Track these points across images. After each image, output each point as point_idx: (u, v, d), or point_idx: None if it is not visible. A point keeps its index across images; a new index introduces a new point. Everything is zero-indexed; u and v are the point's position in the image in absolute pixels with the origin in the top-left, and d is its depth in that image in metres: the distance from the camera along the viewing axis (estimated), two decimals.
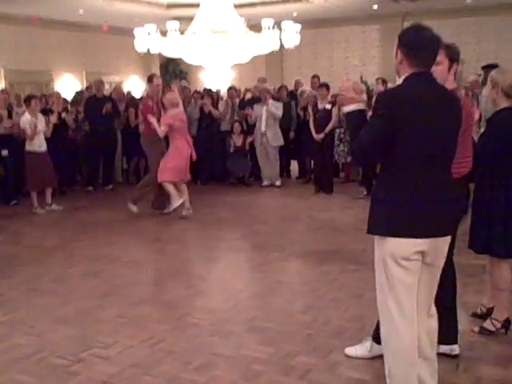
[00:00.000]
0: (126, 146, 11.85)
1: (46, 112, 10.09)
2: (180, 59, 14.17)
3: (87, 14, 14.92)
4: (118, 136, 11.80)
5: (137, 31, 12.43)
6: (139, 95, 13.23)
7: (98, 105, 11.21)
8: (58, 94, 10.92)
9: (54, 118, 9.84)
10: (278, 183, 11.35)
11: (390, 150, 3.04)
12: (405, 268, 3.15)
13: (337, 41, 17.70)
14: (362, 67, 17.22)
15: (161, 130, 8.53)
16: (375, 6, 15.39)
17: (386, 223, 3.13)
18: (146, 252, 7.13)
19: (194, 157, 8.83)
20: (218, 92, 12.99)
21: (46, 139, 9.45)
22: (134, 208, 8.93)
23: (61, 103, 10.72)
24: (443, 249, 3.27)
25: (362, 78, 16.15)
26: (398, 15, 16.26)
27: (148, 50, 12.40)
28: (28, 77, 15.02)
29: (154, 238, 7.70)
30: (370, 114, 3.44)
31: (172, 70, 18.39)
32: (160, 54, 14.26)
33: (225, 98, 12.28)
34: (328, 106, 10.33)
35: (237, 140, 11.59)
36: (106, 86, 16.89)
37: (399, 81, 3.16)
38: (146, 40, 12.28)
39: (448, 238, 3.27)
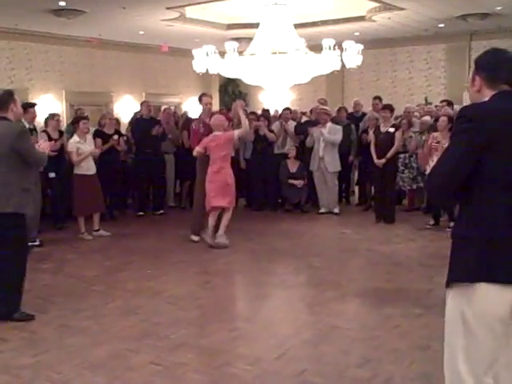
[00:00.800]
0: (179, 169, 11.27)
1: (99, 134, 9.68)
2: (239, 80, 13.74)
3: (147, 35, 14.67)
4: (167, 159, 11.23)
5: (195, 52, 11.97)
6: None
7: (145, 126, 10.65)
8: (110, 116, 10.41)
9: (103, 143, 9.42)
10: (336, 210, 10.55)
11: (475, 175, 2.53)
12: (495, 333, 2.53)
13: (400, 61, 16.80)
14: (427, 88, 16.30)
15: (195, 151, 8.16)
16: (441, 25, 14.53)
17: (476, 267, 2.51)
18: (189, 286, 6.46)
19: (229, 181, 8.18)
20: (276, 112, 12.29)
21: (98, 161, 8.99)
22: (195, 238, 8.49)
23: (113, 125, 10.21)
24: None
25: (426, 99, 15.29)
26: (465, 34, 15.35)
27: (207, 70, 11.87)
28: (88, 98, 14.83)
29: (200, 270, 7.06)
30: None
31: (231, 91, 17.90)
32: (219, 75, 13.89)
33: (279, 120, 11.56)
34: (391, 130, 9.52)
35: (291, 165, 10.87)
36: (165, 107, 16.77)
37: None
38: (205, 61, 11.80)
39: None
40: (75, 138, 8.66)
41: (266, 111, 12.23)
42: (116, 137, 10.05)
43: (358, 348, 4.69)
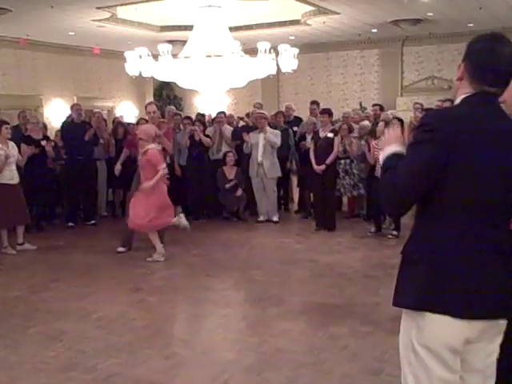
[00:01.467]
0: (111, 177, 10.50)
1: (25, 140, 8.91)
2: (174, 84, 13.15)
3: (78, 36, 13.89)
4: (98, 165, 10.46)
5: (127, 54, 11.31)
6: (132, 120, 12.08)
7: (76, 131, 9.77)
8: (35, 119, 9.52)
9: (31, 148, 8.60)
10: (275, 219, 9.91)
11: (434, 192, 2.16)
12: (446, 363, 2.17)
13: (335, 66, 16.58)
14: (361, 93, 16.10)
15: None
16: (374, 30, 14.33)
17: (425, 293, 2.14)
18: (121, 305, 5.78)
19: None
20: (209, 116, 11.70)
21: (24, 168, 8.20)
22: (121, 249, 7.87)
23: (39, 129, 9.35)
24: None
25: (361, 104, 15.08)
26: (397, 39, 15.25)
27: (140, 73, 11.20)
28: (16, 102, 13.80)
29: (133, 287, 6.38)
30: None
31: (166, 96, 17.24)
32: (154, 79, 13.27)
33: (214, 124, 10.93)
34: (330, 135, 9.09)
35: (229, 172, 10.24)
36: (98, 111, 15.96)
37: (457, 101, 2.28)
38: (138, 63, 11.14)
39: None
40: None
41: (201, 115, 11.60)
42: (44, 142, 9.24)
43: (305, 375, 4.20)
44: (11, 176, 7.78)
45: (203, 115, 11.64)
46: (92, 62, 15.69)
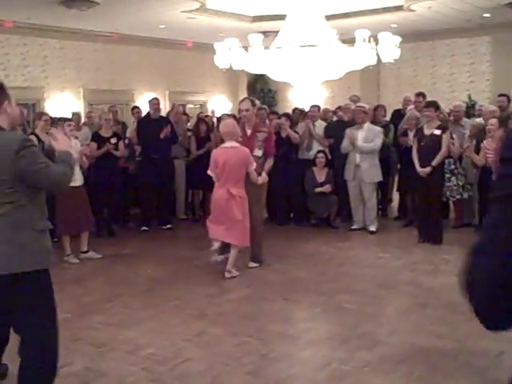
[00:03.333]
0: (190, 177, 9.46)
1: (94, 138, 8.02)
2: (268, 77, 12.02)
3: (169, 29, 12.98)
4: (177, 165, 9.38)
5: (217, 46, 10.29)
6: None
7: (152, 128, 8.74)
8: (106, 115, 8.47)
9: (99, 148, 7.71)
10: (372, 228, 8.31)
11: None
12: None
13: (440, 55, 14.66)
14: (470, 85, 14.14)
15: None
16: (487, 14, 12.40)
17: None
18: (177, 338, 4.55)
19: None
20: (301, 110, 10.34)
21: (94, 168, 7.24)
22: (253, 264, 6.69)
23: (110, 126, 8.33)
24: None
25: (469, 96, 13.20)
26: None
27: (230, 66, 10.14)
28: (108, 96, 13.12)
29: (196, 313, 5.15)
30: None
31: (260, 89, 16.08)
32: (247, 72, 12.21)
33: (305, 121, 9.42)
34: (437, 132, 7.46)
35: (319, 174, 8.79)
36: (190, 106, 15.13)
37: None
38: (228, 55, 10.10)
39: None
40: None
41: (299, 111, 10.18)
42: (114, 140, 8.21)
43: None
44: (73, 177, 6.76)
45: (301, 110, 10.21)
46: (184, 56, 14.77)
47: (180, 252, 7.42)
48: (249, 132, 6.74)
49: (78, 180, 6.79)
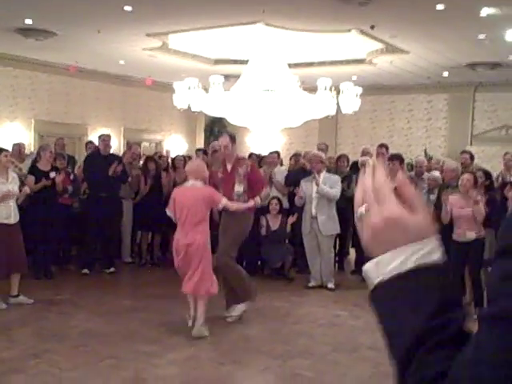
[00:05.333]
0: (138, 218, 8.89)
1: (32, 171, 7.44)
2: (226, 120, 11.62)
3: (129, 65, 12.48)
4: (124, 205, 8.79)
5: (176, 85, 9.89)
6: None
7: (101, 164, 8.22)
8: (49, 148, 7.81)
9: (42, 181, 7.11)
10: (330, 285, 7.77)
11: None
12: None
13: (399, 109, 14.56)
14: (426, 140, 14.03)
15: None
16: (446, 73, 12.35)
17: None
18: None
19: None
20: (257, 155, 9.95)
21: (32, 203, 6.59)
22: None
23: (49, 160, 7.66)
24: None
25: (426, 151, 13.02)
26: (470, 84, 13.19)
27: (189, 106, 9.67)
28: (60, 129, 12.45)
29: (133, 375, 4.45)
30: None
31: (218, 131, 15.59)
32: (206, 113, 11.80)
33: (263, 167, 8.97)
34: None
35: (273, 222, 8.39)
36: (145, 144, 14.58)
37: None
38: (187, 95, 9.68)
39: None
40: None
41: (255, 156, 9.87)
42: (52, 174, 7.58)
43: None
44: (7, 213, 6.06)
45: (258, 155, 9.85)
46: (142, 93, 14.23)
47: (121, 301, 6.72)
48: (229, 168, 6.31)
49: (12, 217, 6.06)
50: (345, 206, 7.69)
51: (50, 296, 6.82)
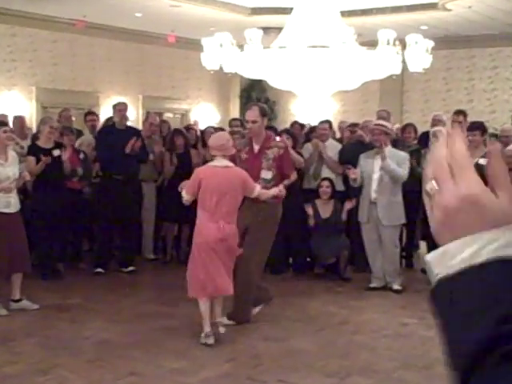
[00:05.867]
0: (163, 206, 9.07)
1: (33, 150, 7.64)
2: (267, 83, 11.97)
3: (147, 18, 12.72)
4: (145, 190, 9.07)
5: (205, 42, 10.07)
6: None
7: (116, 140, 8.31)
8: (51, 123, 7.85)
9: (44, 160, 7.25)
10: (395, 286, 7.77)
11: None
12: None
13: (480, 66, 14.57)
14: None
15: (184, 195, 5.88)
16: None
17: None
18: None
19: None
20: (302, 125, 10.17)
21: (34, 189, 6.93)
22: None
23: (52, 135, 7.75)
24: None
25: None
26: None
27: (220, 67, 9.90)
28: (67, 98, 12.86)
29: None
30: None
31: (256, 98, 15.83)
32: (241, 76, 12.14)
33: (313, 141, 9.04)
34: (482, 161, 6.99)
35: (323, 209, 8.39)
36: (169, 116, 14.76)
37: None
38: (218, 54, 9.88)
39: None
40: None
41: (299, 125, 10.02)
42: (57, 152, 7.70)
43: None
44: (7, 201, 6.22)
45: (303, 126, 10.02)
46: (164, 53, 14.56)
47: (142, 306, 6.86)
48: (256, 148, 6.37)
49: (12, 205, 6.20)
50: (412, 189, 7.66)
51: (59, 300, 6.96)
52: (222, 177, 5.63)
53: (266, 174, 6.31)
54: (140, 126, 10.35)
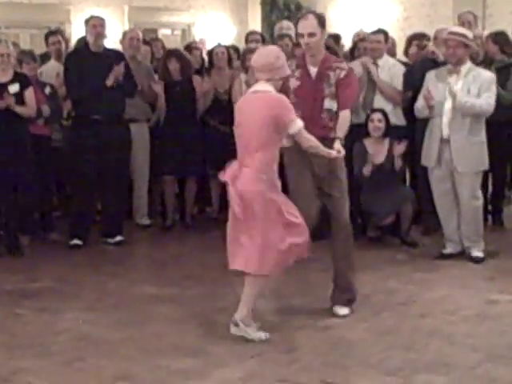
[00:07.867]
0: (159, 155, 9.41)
1: None
2: None
3: None
4: (134, 132, 9.15)
5: None
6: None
7: (92, 68, 8.48)
8: (4, 50, 8.04)
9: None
10: (476, 253, 7.89)
11: None
12: None
13: None
14: None
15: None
16: None
17: None
18: None
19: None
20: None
21: None
22: None
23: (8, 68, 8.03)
24: None
25: None
26: None
27: None
28: (26, 14, 13.52)
29: None
30: None
31: (283, 4, 15.91)
32: None
33: (361, 59, 9.17)
34: None
35: (375, 151, 8.61)
36: (165, 32, 14.86)
37: None
38: None
39: None
40: None
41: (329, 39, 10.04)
42: (14, 88, 7.97)
43: None
44: None
45: (337, 37, 10.38)
46: None
47: (134, 289, 7.00)
48: (314, 72, 6.39)
49: None
50: (498, 122, 7.65)
51: (22, 283, 7.12)
52: (247, 106, 5.81)
53: (330, 104, 6.35)
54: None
